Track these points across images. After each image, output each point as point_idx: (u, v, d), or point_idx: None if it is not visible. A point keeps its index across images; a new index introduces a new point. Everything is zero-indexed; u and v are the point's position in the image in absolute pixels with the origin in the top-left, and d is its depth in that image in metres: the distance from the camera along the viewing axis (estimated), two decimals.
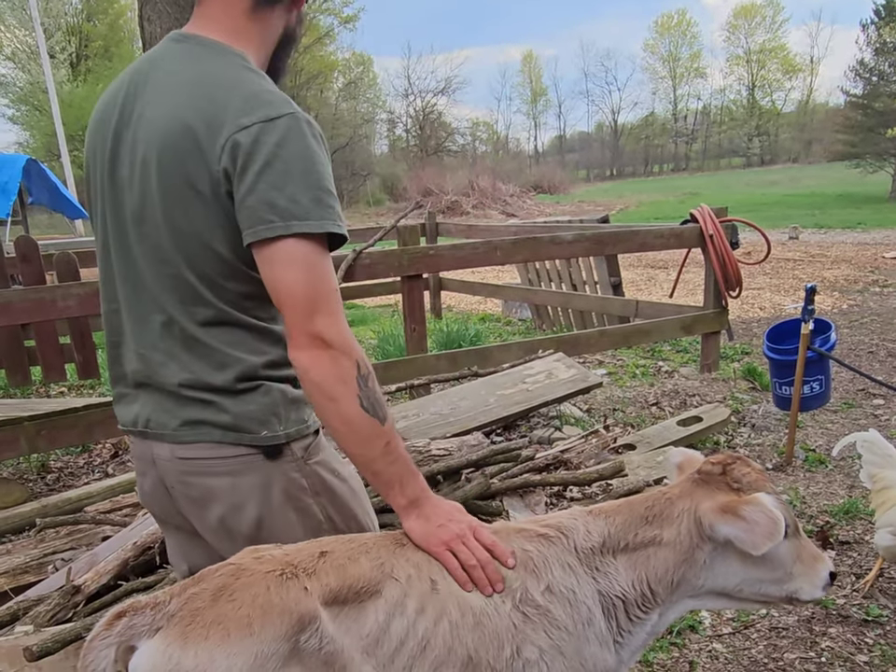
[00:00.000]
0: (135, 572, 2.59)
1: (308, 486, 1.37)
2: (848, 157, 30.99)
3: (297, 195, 1.17)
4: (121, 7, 37.62)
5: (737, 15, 66.17)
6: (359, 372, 1.21)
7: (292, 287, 1.19)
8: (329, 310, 1.20)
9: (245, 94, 1.21)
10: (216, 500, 1.34)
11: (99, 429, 3.72)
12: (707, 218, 5.37)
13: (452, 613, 1.19)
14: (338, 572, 1.15)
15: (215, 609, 1.04)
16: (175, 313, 1.29)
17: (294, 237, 1.17)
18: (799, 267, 11.60)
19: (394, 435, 1.25)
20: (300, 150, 1.19)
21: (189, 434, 1.32)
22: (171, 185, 1.23)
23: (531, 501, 3.11)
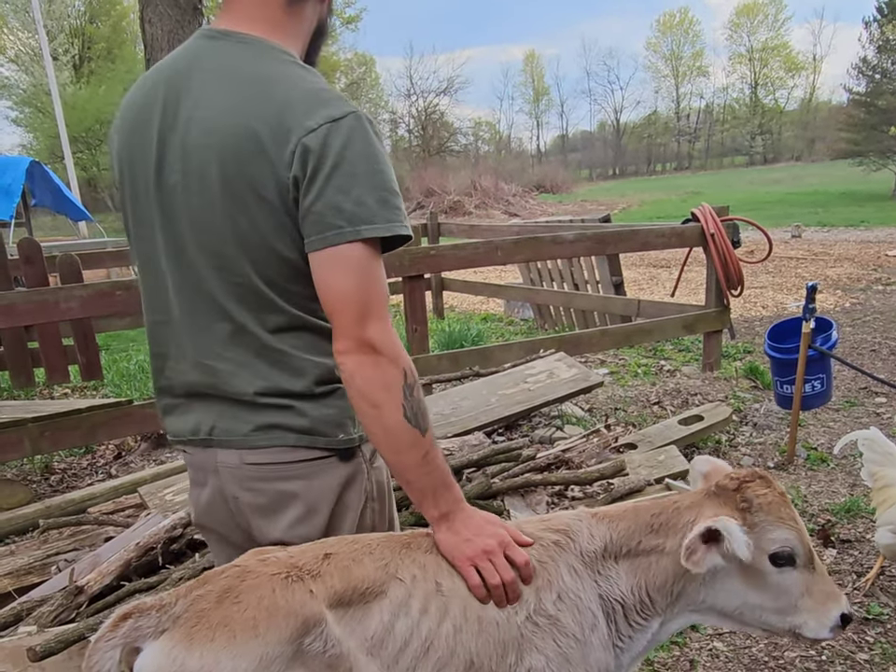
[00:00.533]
0: (138, 573, 2.59)
1: (371, 489, 1.36)
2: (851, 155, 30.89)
3: (363, 197, 1.15)
4: (124, 8, 37.67)
5: (740, 13, 66.02)
6: (405, 381, 1.19)
7: (345, 292, 1.17)
8: (379, 315, 1.18)
9: (305, 94, 1.18)
10: (288, 505, 1.31)
11: (102, 431, 3.74)
12: (709, 217, 5.37)
13: (456, 616, 1.19)
14: (342, 574, 1.15)
15: (220, 611, 1.05)
16: (245, 321, 1.26)
17: (361, 241, 1.15)
18: (802, 265, 11.58)
19: (433, 446, 1.23)
20: (364, 151, 1.16)
21: (262, 438, 1.29)
22: (235, 192, 1.19)
23: (532, 501, 3.12)
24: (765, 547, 1.29)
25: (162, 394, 1.40)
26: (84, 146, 32.95)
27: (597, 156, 69.43)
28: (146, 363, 6.29)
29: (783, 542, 1.28)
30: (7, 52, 34.21)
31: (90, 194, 31.72)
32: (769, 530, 1.29)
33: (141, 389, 5.52)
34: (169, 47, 4.30)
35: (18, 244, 5.19)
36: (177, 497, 3.19)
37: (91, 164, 34.09)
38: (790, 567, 1.30)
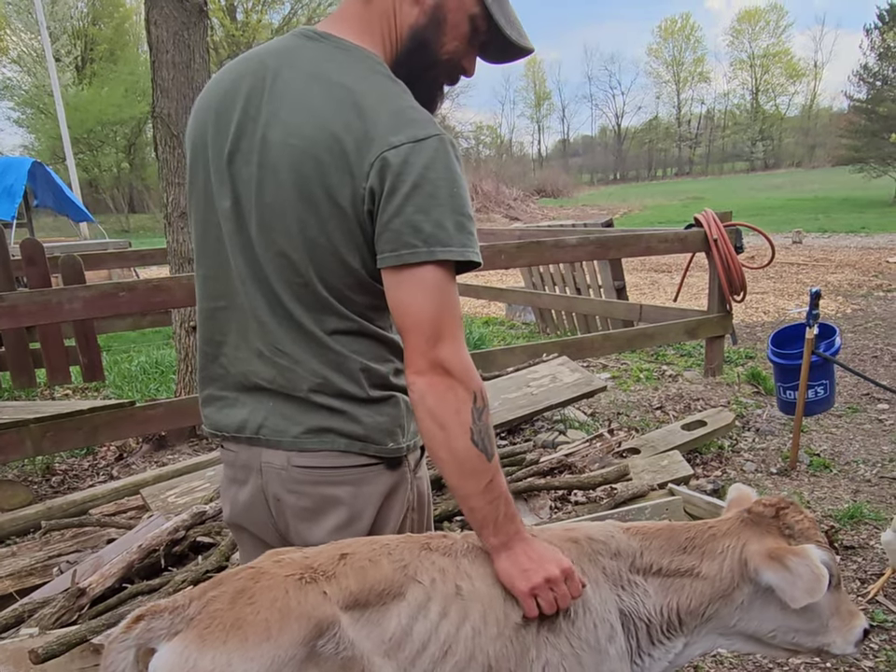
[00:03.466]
0: (140, 575, 2.59)
1: (410, 500, 1.36)
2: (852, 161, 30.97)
3: (442, 220, 1.14)
4: (127, 10, 37.78)
5: (741, 19, 66.30)
6: (475, 405, 1.18)
7: (421, 313, 1.16)
8: (453, 336, 1.18)
9: (394, 110, 1.17)
10: (332, 510, 1.30)
11: (104, 432, 3.73)
12: (712, 223, 5.37)
13: (475, 619, 1.19)
14: (358, 575, 1.14)
15: (233, 613, 1.04)
16: (303, 320, 1.25)
17: (436, 263, 1.15)
18: (803, 271, 11.59)
19: (498, 473, 1.21)
20: (445, 174, 1.15)
21: (313, 442, 1.28)
22: (310, 196, 1.19)
23: (535, 505, 3.11)
24: None
25: (211, 383, 1.38)
26: (86, 147, 33.02)
27: (598, 160, 69.59)
28: (147, 364, 6.28)
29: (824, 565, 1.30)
30: (10, 53, 34.31)
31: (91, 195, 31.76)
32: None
33: (143, 391, 5.52)
34: (175, 49, 4.30)
35: (20, 244, 5.20)
36: (180, 499, 3.19)
37: (92, 165, 34.16)
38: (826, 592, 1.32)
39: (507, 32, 1.30)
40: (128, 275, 9.15)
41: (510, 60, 1.39)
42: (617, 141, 71.49)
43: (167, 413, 3.85)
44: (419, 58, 1.28)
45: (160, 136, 4.32)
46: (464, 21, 1.27)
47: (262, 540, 1.41)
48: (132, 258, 7.80)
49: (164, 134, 4.29)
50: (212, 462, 3.57)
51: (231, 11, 40.35)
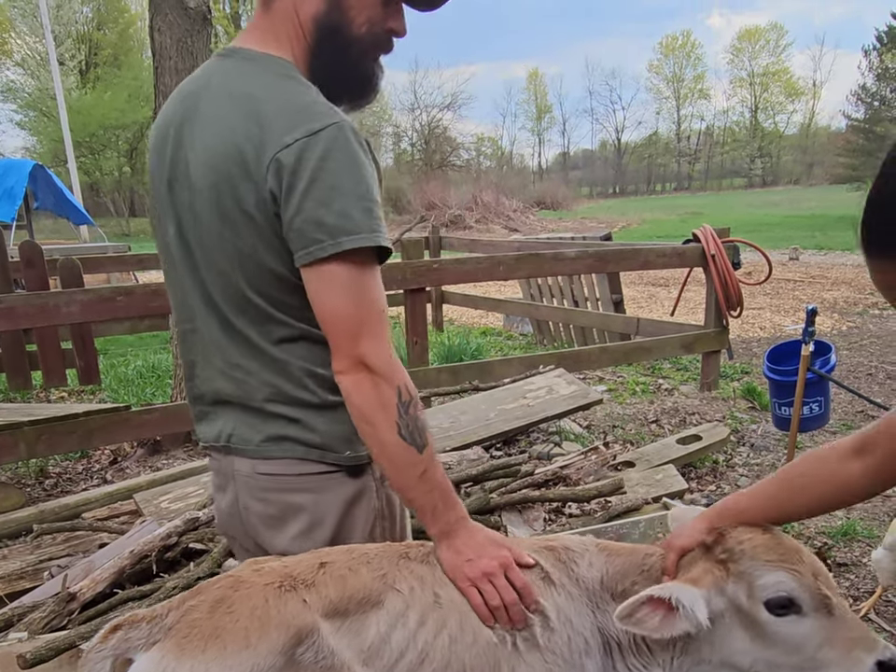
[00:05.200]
0: (132, 580, 2.58)
1: (379, 509, 1.36)
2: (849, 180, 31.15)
3: (346, 209, 1.13)
4: (131, 16, 37.95)
5: (741, 38, 66.70)
6: (400, 399, 1.17)
7: (338, 309, 1.16)
8: (373, 333, 1.16)
9: (291, 109, 1.16)
10: (294, 517, 1.31)
11: (99, 436, 3.72)
12: (710, 238, 5.39)
13: (452, 628, 1.18)
14: (338, 583, 1.14)
15: (212, 622, 1.04)
16: (249, 333, 1.26)
17: (343, 255, 1.13)
18: (799, 288, 11.62)
19: (432, 463, 1.21)
20: (345, 161, 1.13)
21: (273, 449, 1.29)
22: (226, 210, 1.20)
23: (530, 517, 3.11)
24: (758, 595, 1.19)
25: (195, 402, 1.42)
26: (87, 150, 33.05)
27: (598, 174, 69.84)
28: (143, 369, 6.28)
29: (776, 586, 1.17)
30: (14, 56, 34.41)
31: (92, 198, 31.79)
32: (758, 576, 1.19)
33: (139, 395, 5.51)
34: (178, 55, 4.32)
35: (19, 246, 5.19)
36: (173, 504, 3.18)
37: (93, 169, 34.20)
38: (794, 615, 1.17)
39: None
40: (127, 279, 9.15)
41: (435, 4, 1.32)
42: (617, 155, 71.78)
43: (162, 417, 3.85)
44: (333, 43, 1.25)
45: None
46: None
47: (245, 547, 1.43)
48: (131, 262, 7.80)
49: None
50: (206, 468, 3.56)
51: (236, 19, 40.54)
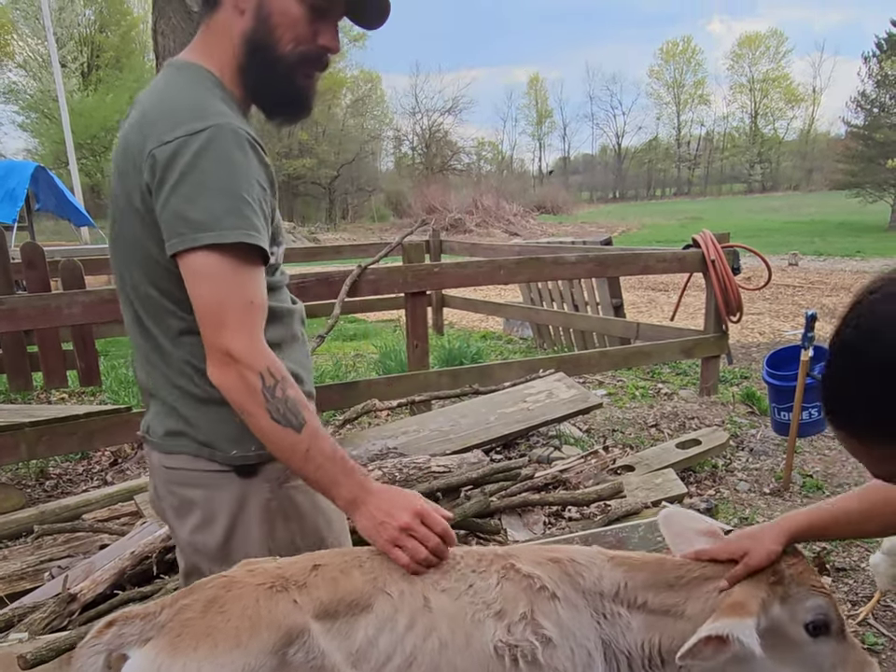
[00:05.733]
0: (132, 582, 2.59)
1: (279, 509, 1.35)
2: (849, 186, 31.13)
3: (211, 206, 1.15)
4: (134, 19, 37.98)
5: (742, 44, 66.82)
6: (264, 384, 1.18)
7: (202, 301, 1.19)
8: (235, 323, 1.17)
9: (177, 110, 1.20)
10: (190, 511, 1.35)
11: (99, 437, 3.73)
12: (710, 244, 5.40)
13: (443, 632, 1.17)
14: (329, 585, 1.15)
15: (205, 621, 1.05)
16: (152, 326, 1.31)
17: (206, 249, 1.15)
18: (798, 293, 11.64)
19: (316, 438, 1.21)
20: (218, 160, 1.16)
21: (171, 444, 1.34)
22: (122, 206, 1.27)
23: (530, 520, 3.12)
24: (800, 617, 1.25)
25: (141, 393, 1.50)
26: (89, 152, 33.07)
27: (598, 179, 69.91)
28: None
29: (817, 610, 1.25)
30: (16, 58, 34.44)
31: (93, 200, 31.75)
32: (803, 600, 1.25)
33: (139, 397, 5.51)
34: None
35: (21, 248, 5.20)
36: None
37: (95, 171, 34.20)
38: (824, 637, 1.25)
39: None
40: None
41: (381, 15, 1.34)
42: (617, 160, 71.86)
43: None
44: (261, 60, 1.28)
45: None
46: (291, 6, 1.26)
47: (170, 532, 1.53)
48: None
49: None
50: None
51: None
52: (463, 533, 2.92)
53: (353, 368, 6.62)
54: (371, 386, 4.26)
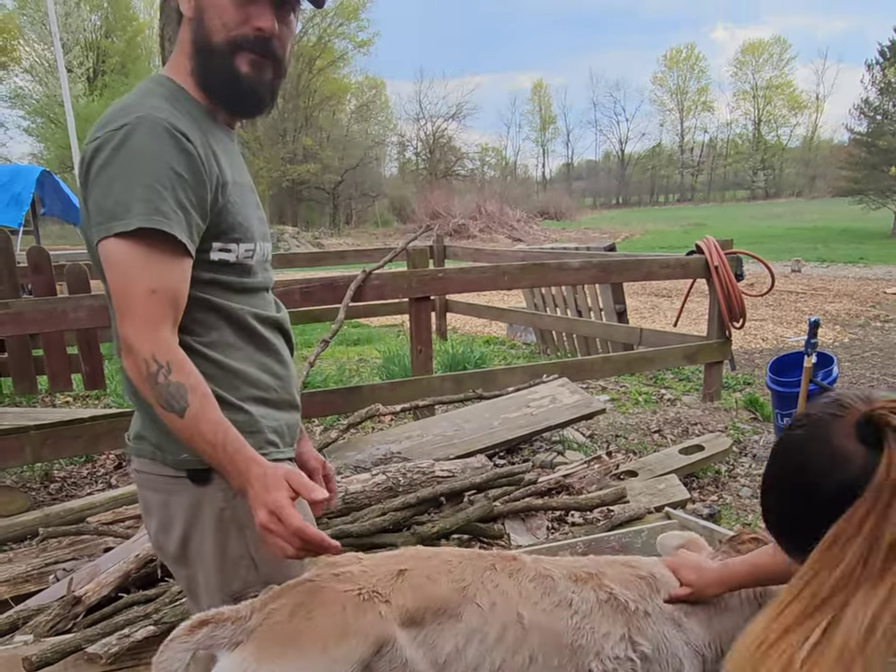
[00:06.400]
0: (137, 584, 2.59)
1: (233, 518, 1.30)
2: (852, 193, 31.12)
3: (121, 195, 1.16)
4: (140, 24, 38.16)
5: (745, 51, 66.97)
6: (149, 370, 1.16)
7: (111, 290, 1.20)
8: (130, 311, 1.17)
9: (113, 110, 1.24)
10: (152, 514, 1.36)
11: (104, 440, 3.74)
12: (713, 250, 5.41)
13: (534, 648, 1.17)
14: (416, 593, 1.15)
15: (291, 627, 1.06)
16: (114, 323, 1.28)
17: (116, 237, 1.16)
18: (801, 300, 11.64)
19: (198, 423, 1.17)
20: (133, 151, 1.17)
21: (135, 447, 1.36)
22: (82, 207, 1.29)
23: (533, 525, 3.12)
24: None
25: None
26: None
27: (601, 185, 69.98)
28: None
29: None
30: (23, 63, 34.61)
31: None
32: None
33: None
34: None
35: (27, 252, 5.23)
36: None
37: None
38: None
39: None
40: None
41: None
42: (620, 166, 71.95)
43: None
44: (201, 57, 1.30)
45: None
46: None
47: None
48: None
49: None
50: None
51: None
52: (466, 538, 2.93)
53: (356, 372, 6.62)
54: (374, 391, 4.27)
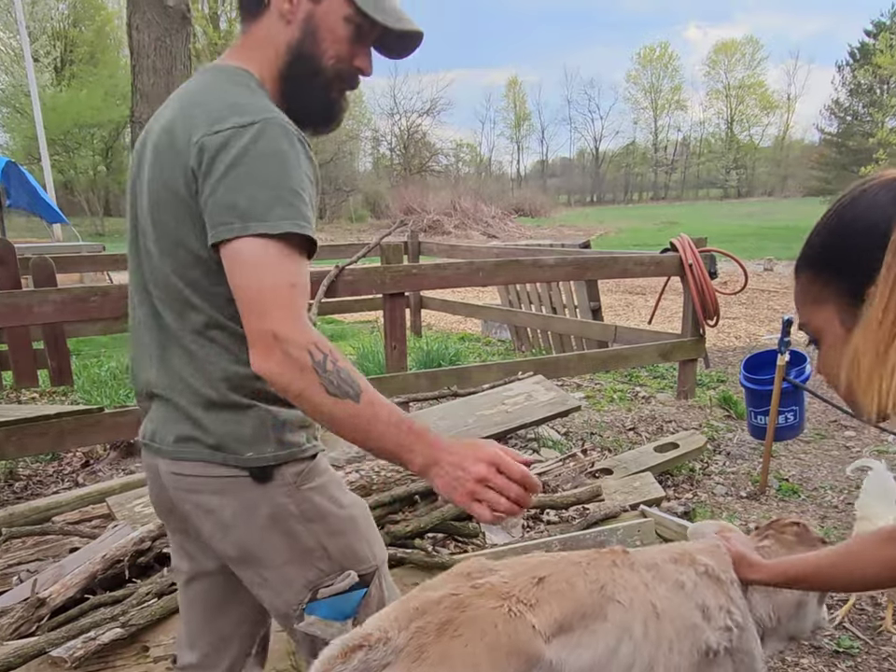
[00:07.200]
0: (103, 586, 2.53)
1: (299, 512, 1.32)
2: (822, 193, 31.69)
3: (257, 195, 1.15)
4: (108, 14, 37.50)
5: (718, 51, 67.57)
6: (314, 359, 1.14)
7: (246, 289, 1.16)
8: (278, 306, 1.15)
9: (224, 104, 1.21)
10: (206, 517, 1.32)
11: (70, 438, 3.65)
12: (687, 248, 5.44)
13: (671, 636, 1.21)
14: (559, 600, 1.14)
15: (440, 646, 1.03)
16: (172, 322, 1.29)
17: (252, 237, 1.14)
18: (773, 298, 11.78)
19: (374, 405, 1.17)
20: (267, 152, 1.17)
21: (181, 451, 1.31)
22: (157, 191, 1.25)
23: (507, 524, 3.10)
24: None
25: (137, 398, 1.46)
26: (62, 148, 32.57)
27: (576, 182, 70.26)
28: (117, 370, 6.18)
29: None
30: None
31: (65, 197, 31.33)
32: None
33: (112, 396, 5.41)
34: (156, 54, 4.27)
35: None
36: (147, 508, 3.12)
37: (68, 167, 33.71)
38: None
39: (384, 22, 1.31)
40: (101, 279, 9.01)
41: (409, 48, 1.41)
42: (595, 164, 72.34)
43: (136, 420, 3.76)
44: (301, 68, 1.33)
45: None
46: (339, 25, 1.31)
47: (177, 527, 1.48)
48: (105, 261, 7.68)
49: None
50: None
51: (215, 19, 40.22)
52: (442, 536, 2.90)
53: None
54: None
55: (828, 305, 1.01)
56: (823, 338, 1.04)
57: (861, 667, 2.44)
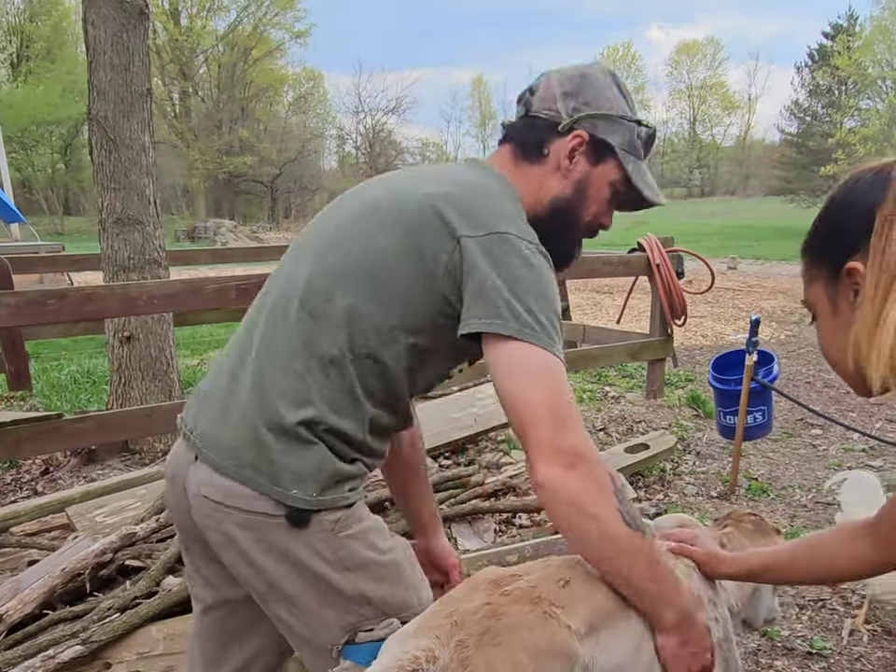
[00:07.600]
0: (63, 601, 2.44)
1: (336, 560, 1.25)
2: (784, 192, 32.29)
3: (536, 308, 1.18)
4: (65, 9, 36.75)
5: (680, 51, 68.54)
6: (615, 485, 1.16)
7: (532, 396, 1.16)
8: (573, 422, 1.16)
9: (498, 208, 1.25)
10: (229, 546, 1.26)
11: (28, 446, 3.52)
12: (654, 248, 5.47)
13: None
14: (587, 601, 1.16)
15: (483, 656, 1.04)
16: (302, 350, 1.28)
17: (528, 344, 1.17)
18: (738, 297, 11.96)
19: (653, 548, 1.19)
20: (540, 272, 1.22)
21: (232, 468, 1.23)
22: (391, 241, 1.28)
23: (480, 528, 3.07)
24: None
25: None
26: (19, 146, 31.84)
27: None
28: (78, 374, 6.02)
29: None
30: None
31: (23, 196, 30.61)
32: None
33: (72, 401, 5.27)
34: (113, 50, 4.13)
35: None
36: (108, 518, 3.02)
37: (26, 165, 32.95)
38: None
39: (646, 194, 1.40)
40: (60, 280, 8.78)
41: (638, 209, 1.49)
42: None
43: (97, 426, 3.67)
44: (562, 221, 1.39)
45: (95, 139, 4.13)
46: (605, 188, 1.39)
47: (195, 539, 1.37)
48: (64, 262, 7.47)
49: (101, 137, 4.10)
50: (144, 479, 3.41)
51: (175, 16, 39.60)
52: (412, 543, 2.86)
53: None
54: None
55: (818, 282, 1.13)
56: (816, 312, 1.17)
57: (833, 668, 2.46)
